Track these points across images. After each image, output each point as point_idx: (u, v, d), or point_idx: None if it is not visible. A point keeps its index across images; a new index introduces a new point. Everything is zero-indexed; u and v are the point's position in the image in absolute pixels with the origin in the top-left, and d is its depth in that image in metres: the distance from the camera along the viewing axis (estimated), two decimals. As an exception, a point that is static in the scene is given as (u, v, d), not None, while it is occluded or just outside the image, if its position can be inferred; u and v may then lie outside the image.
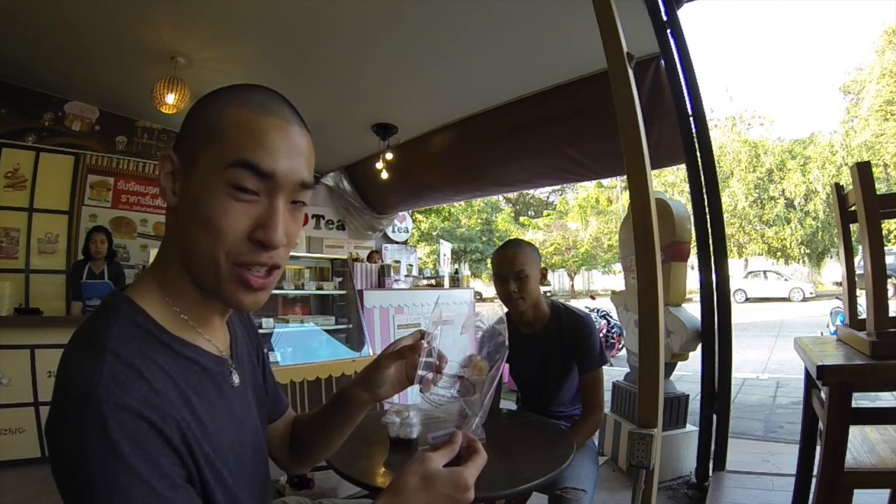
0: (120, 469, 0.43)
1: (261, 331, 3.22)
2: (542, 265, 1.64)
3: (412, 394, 4.19)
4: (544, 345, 1.61)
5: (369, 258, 5.35)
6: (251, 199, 0.52)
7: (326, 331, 3.61)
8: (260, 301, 0.56)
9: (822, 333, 5.57)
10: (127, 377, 0.46)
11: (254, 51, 3.33)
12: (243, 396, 0.64)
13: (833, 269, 19.48)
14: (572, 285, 23.90)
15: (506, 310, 1.48)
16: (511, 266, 1.56)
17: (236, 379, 0.63)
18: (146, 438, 0.45)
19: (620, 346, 6.87)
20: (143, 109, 4.26)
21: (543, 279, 1.63)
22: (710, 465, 2.56)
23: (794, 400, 4.42)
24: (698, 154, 2.55)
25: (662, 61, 2.60)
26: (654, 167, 2.39)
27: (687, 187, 2.90)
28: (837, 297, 8.51)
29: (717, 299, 2.55)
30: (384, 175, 4.54)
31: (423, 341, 0.73)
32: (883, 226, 1.28)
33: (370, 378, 0.74)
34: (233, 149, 0.51)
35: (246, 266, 0.53)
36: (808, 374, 1.62)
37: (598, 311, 7.58)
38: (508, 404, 2.01)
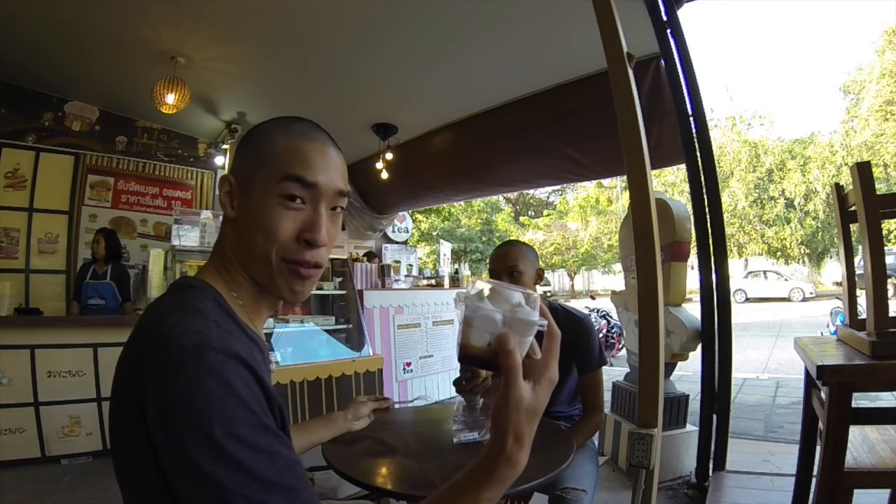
0: (236, 402, 0.51)
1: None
2: (540, 266, 1.63)
3: (411, 392, 4.19)
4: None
5: (369, 259, 5.35)
6: (298, 207, 0.64)
7: (326, 331, 3.61)
8: (306, 292, 0.67)
9: (822, 333, 5.57)
10: (230, 336, 0.56)
11: (254, 51, 3.33)
12: None
13: (833, 269, 19.47)
14: (572, 285, 23.90)
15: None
16: (504, 261, 1.56)
17: (273, 366, 0.69)
18: (251, 381, 0.53)
19: (620, 346, 6.86)
20: (143, 109, 4.26)
21: (539, 280, 1.61)
22: (710, 465, 2.56)
23: (794, 400, 4.42)
24: (698, 154, 2.55)
25: (662, 61, 2.60)
26: (654, 167, 2.39)
27: (687, 187, 2.90)
28: (837, 297, 8.52)
29: (717, 299, 2.55)
30: (384, 175, 4.54)
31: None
32: (883, 226, 1.28)
33: (354, 411, 1.21)
34: (283, 166, 0.63)
35: (296, 262, 0.64)
36: (808, 374, 1.62)
37: (598, 311, 7.57)
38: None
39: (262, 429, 0.52)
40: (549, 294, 21.32)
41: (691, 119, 2.53)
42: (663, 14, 2.43)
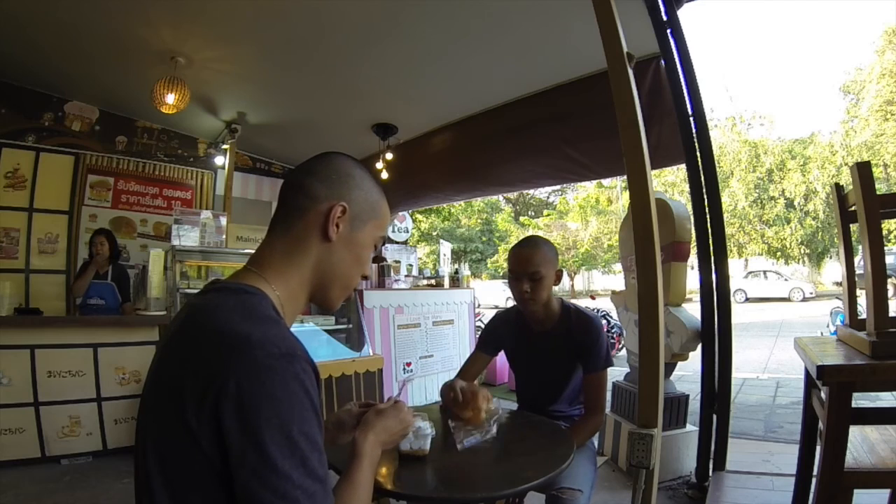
0: (309, 405, 0.61)
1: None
2: (559, 268, 1.60)
3: (413, 394, 4.19)
4: (552, 343, 1.61)
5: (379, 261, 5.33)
6: None
7: (326, 331, 3.60)
8: None
9: (822, 333, 5.57)
10: (302, 345, 0.65)
11: (254, 51, 3.33)
12: None
13: (833, 269, 19.46)
14: (572, 285, 23.90)
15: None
16: (526, 266, 1.53)
17: None
18: (316, 386, 0.64)
19: (620, 346, 6.86)
20: (143, 109, 4.26)
21: (558, 280, 1.59)
22: (710, 465, 2.56)
23: (794, 400, 4.42)
24: (698, 154, 2.55)
25: (662, 61, 2.60)
26: (654, 167, 2.39)
27: (687, 187, 2.90)
28: (837, 297, 8.52)
29: (717, 299, 2.55)
30: (384, 175, 4.54)
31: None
32: (883, 226, 1.28)
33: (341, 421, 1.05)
34: (383, 226, 0.84)
35: (354, 288, 0.84)
36: (808, 374, 1.62)
37: (598, 311, 7.56)
38: (509, 404, 2.01)
39: (321, 428, 0.62)
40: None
41: (691, 119, 2.53)
42: (663, 14, 2.43)
